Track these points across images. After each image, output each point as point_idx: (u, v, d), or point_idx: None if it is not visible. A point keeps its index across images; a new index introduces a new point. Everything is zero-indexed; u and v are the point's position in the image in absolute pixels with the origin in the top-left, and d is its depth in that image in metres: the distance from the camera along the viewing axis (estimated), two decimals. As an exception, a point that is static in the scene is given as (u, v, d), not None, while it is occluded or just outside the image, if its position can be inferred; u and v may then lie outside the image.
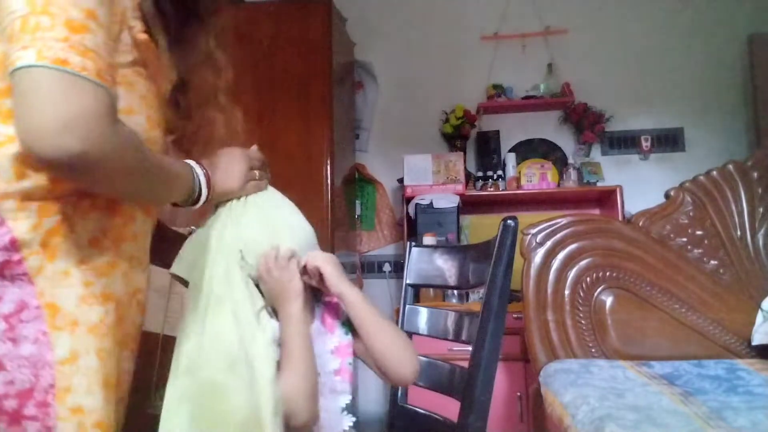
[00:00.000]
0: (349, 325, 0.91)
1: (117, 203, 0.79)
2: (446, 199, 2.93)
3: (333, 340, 0.90)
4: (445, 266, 1.20)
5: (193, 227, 0.96)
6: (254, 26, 2.81)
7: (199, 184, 0.86)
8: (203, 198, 0.87)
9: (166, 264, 0.94)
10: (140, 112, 0.79)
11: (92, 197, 0.76)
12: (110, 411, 0.75)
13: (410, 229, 3.04)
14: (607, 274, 2.24)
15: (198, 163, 0.89)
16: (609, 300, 2.23)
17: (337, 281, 0.87)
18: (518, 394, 2.57)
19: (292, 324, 0.84)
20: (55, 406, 0.71)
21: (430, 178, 3.05)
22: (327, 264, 0.87)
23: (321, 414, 0.85)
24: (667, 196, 2.35)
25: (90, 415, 0.73)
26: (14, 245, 0.71)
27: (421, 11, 3.45)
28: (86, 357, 0.73)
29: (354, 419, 0.89)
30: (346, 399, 0.88)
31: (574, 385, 1.77)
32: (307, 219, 0.96)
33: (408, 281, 1.25)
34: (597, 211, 3.16)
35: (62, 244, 0.74)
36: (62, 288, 0.73)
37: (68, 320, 0.73)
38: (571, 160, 3.21)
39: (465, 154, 3.20)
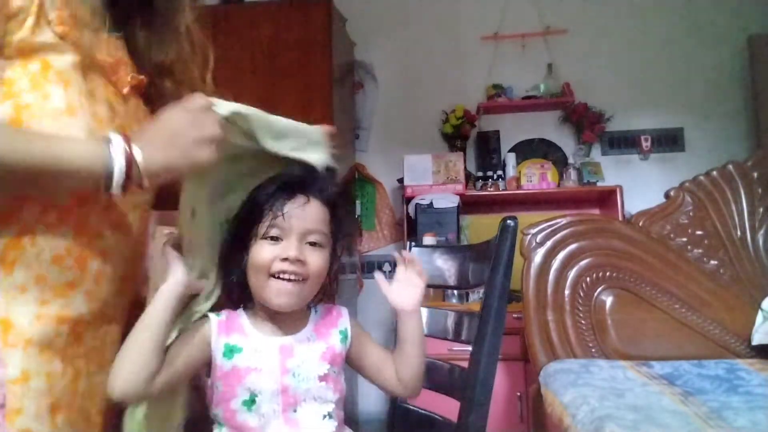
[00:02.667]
0: (345, 334, 0.90)
1: (83, 218, 0.76)
2: (446, 199, 2.93)
3: (320, 346, 0.87)
4: (445, 266, 1.20)
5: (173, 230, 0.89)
6: (254, 26, 2.81)
7: (112, 165, 0.69)
8: (119, 181, 0.70)
9: None
10: (83, 110, 0.76)
11: (59, 211, 0.74)
12: None
13: (410, 229, 3.04)
14: (607, 274, 2.24)
15: (125, 137, 0.72)
16: (609, 300, 2.23)
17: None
18: (518, 394, 2.57)
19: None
20: (5, 427, 0.68)
21: (430, 178, 3.05)
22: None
23: (299, 420, 0.83)
24: (667, 196, 2.35)
25: None
26: None
27: (421, 11, 3.45)
28: (36, 379, 0.71)
29: (336, 423, 0.86)
30: (328, 407, 0.85)
31: (574, 385, 1.77)
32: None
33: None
34: (597, 211, 3.16)
35: (21, 257, 0.71)
36: (17, 304, 0.71)
37: (21, 338, 0.70)
38: (571, 160, 3.21)
39: (465, 154, 3.20)
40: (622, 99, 3.25)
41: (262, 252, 0.81)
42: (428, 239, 2.80)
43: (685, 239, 2.28)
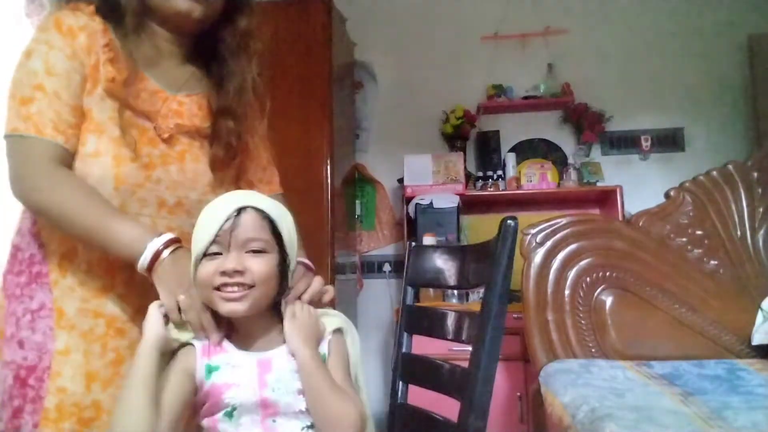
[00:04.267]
0: (324, 350, 0.89)
1: None
2: (446, 199, 2.93)
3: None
4: (445, 266, 1.20)
5: None
6: (254, 26, 2.81)
7: (143, 260, 0.89)
8: (142, 267, 0.89)
9: None
10: (107, 153, 0.96)
11: None
12: (89, 397, 0.95)
13: (410, 229, 3.04)
14: (607, 274, 2.24)
15: (171, 240, 0.90)
16: (609, 300, 2.22)
17: (294, 341, 0.86)
18: (518, 394, 2.57)
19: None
20: (47, 383, 0.95)
21: (430, 178, 3.04)
22: (292, 320, 0.87)
23: (278, 429, 0.83)
24: (667, 196, 2.35)
25: (70, 397, 0.94)
26: (44, 262, 0.99)
27: (421, 11, 3.45)
28: (76, 353, 0.96)
29: None
30: (307, 420, 0.84)
31: (574, 385, 1.77)
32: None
33: (408, 281, 1.25)
34: (597, 211, 3.16)
35: (69, 266, 0.98)
36: (68, 299, 0.97)
37: (69, 324, 0.97)
38: (571, 160, 3.21)
39: (465, 154, 3.20)
40: (622, 99, 3.25)
41: (204, 269, 0.83)
42: (428, 239, 2.80)
43: (685, 239, 2.28)
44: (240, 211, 0.84)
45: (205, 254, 0.83)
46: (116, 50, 0.97)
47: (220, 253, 0.83)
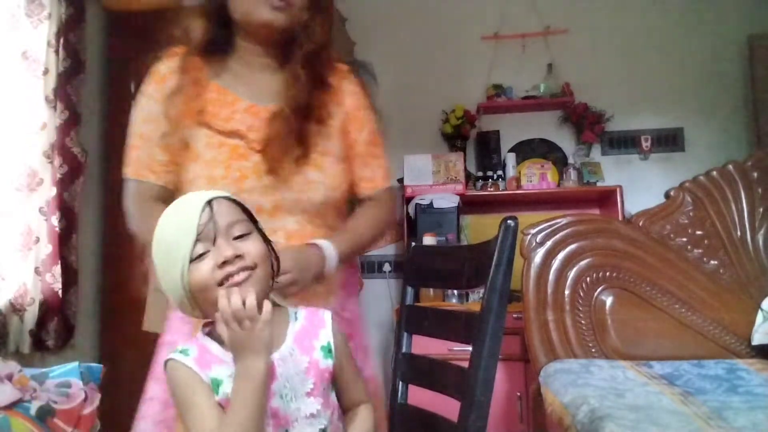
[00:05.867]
0: (329, 348, 0.86)
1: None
2: (446, 199, 2.93)
3: (303, 361, 0.83)
4: (445, 266, 1.20)
5: None
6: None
7: None
8: None
9: None
10: (201, 177, 1.07)
11: None
12: None
13: (410, 229, 3.04)
14: (607, 274, 2.24)
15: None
16: (609, 300, 2.23)
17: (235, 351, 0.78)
18: (518, 394, 2.57)
19: (250, 379, 0.76)
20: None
21: (430, 178, 3.04)
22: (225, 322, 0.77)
23: None
24: (667, 196, 2.35)
25: None
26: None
27: (421, 11, 3.45)
28: None
29: None
30: (321, 423, 0.82)
31: (574, 385, 1.77)
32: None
33: (408, 281, 1.25)
34: (597, 211, 3.16)
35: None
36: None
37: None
38: (571, 160, 3.21)
39: (465, 154, 3.20)
40: (622, 99, 3.25)
41: (199, 271, 0.78)
42: (428, 239, 2.80)
43: (685, 239, 2.28)
44: (210, 202, 0.81)
45: (191, 259, 0.78)
46: (205, 83, 1.10)
47: (207, 252, 0.79)
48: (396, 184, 3.28)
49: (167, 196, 1.09)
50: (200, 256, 0.78)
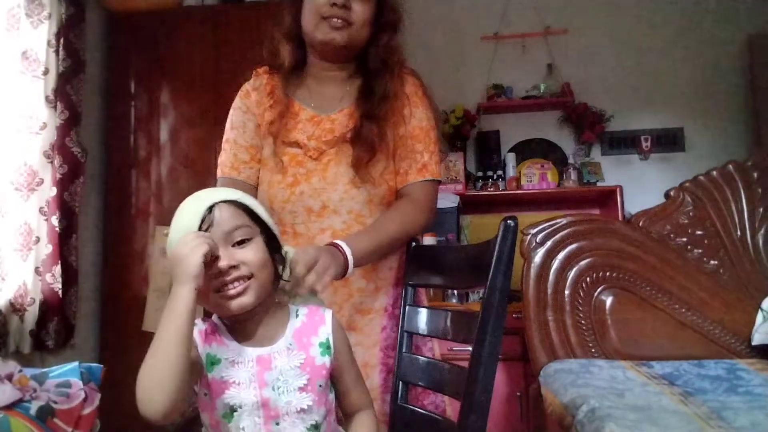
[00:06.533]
0: (327, 345, 0.87)
1: None
2: (446, 199, 2.93)
3: (299, 356, 0.84)
4: (445, 266, 1.20)
5: None
6: (254, 26, 2.80)
7: None
8: None
9: None
10: (264, 181, 1.24)
11: None
12: None
13: (410, 229, 3.04)
14: (607, 274, 2.24)
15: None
16: (609, 300, 2.23)
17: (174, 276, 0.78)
18: (518, 394, 2.56)
19: (173, 305, 0.75)
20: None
21: (430, 178, 3.04)
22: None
23: None
24: (667, 196, 2.35)
25: None
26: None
27: (421, 11, 3.44)
28: None
29: None
30: (312, 418, 0.83)
31: (574, 385, 1.77)
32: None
33: (408, 281, 1.25)
34: (597, 211, 3.16)
35: None
36: None
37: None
38: (571, 160, 3.21)
39: (465, 154, 3.20)
40: (622, 99, 3.25)
41: None
42: (428, 239, 2.79)
43: (685, 239, 2.28)
44: (211, 208, 0.82)
45: None
46: (276, 96, 1.25)
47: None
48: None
49: (248, 190, 1.21)
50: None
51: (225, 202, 0.83)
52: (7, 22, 2.23)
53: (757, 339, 2.08)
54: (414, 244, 1.27)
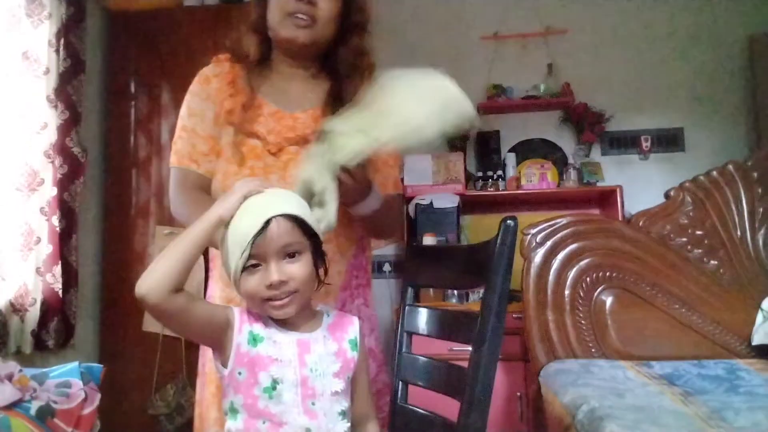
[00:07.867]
0: (355, 343, 0.94)
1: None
2: (446, 199, 2.93)
3: (334, 346, 0.92)
4: (445, 266, 1.20)
5: None
6: (254, 26, 2.81)
7: None
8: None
9: None
10: (220, 171, 1.19)
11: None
12: None
13: (410, 229, 3.04)
14: (607, 274, 2.24)
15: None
16: (609, 300, 2.23)
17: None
18: (518, 394, 2.56)
19: (203, 219, 0.87)
20: (214, 299, 1.22)
21: (430, 178, 3.04)
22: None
23: (317, 412, 0.87)
24: (667, 196, 2.35)
25: None
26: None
27: (421, 11, 3.44)
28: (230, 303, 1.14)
29: (348, 425, 0.90)
30: (343, 405, 0.90)
31: (574, 385, 1.77)
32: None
33: (408, 281, 1.25)
34: (597, 211, 3.16)
35: (217, 268, 1.22)
36: (216, 287, 1.24)
37: (217, 297, 1.22)
38: (571, 160, 3.21)
39: (465, 154, 3.20)
40: (622, 99, 3.25)
41: (248, 283, 0.87)
42: (428, 239, 2.80)
43: (685, 239, 2.28)
44: (268, 221, 0.86)
45: (244, 267, 0.86)
46: (237, 86, 1.21)
47: (259, 264, 0.86)
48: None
49: (207, 183, 1.20)
50: (252, 266, 0.86)
51: (281, 216, 0.87)
52: (7, 22, 2.23)
53: (757, 339, 2.08)
54: (414, 244, 1.27)
